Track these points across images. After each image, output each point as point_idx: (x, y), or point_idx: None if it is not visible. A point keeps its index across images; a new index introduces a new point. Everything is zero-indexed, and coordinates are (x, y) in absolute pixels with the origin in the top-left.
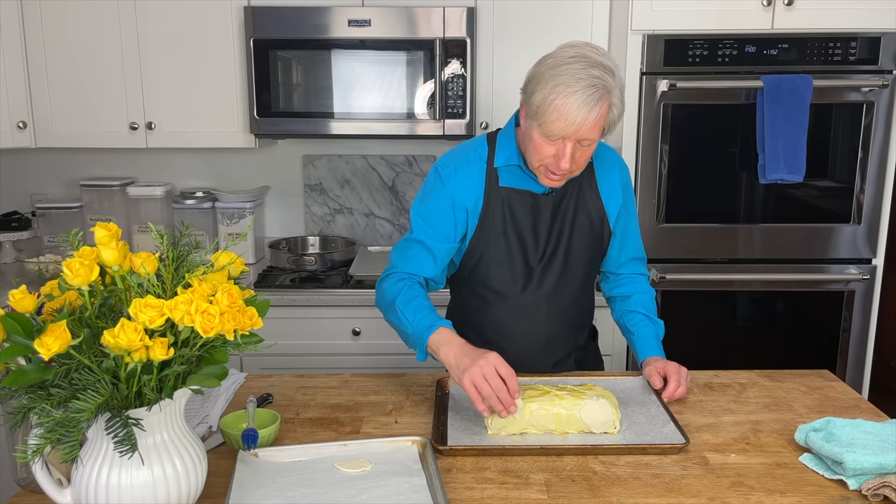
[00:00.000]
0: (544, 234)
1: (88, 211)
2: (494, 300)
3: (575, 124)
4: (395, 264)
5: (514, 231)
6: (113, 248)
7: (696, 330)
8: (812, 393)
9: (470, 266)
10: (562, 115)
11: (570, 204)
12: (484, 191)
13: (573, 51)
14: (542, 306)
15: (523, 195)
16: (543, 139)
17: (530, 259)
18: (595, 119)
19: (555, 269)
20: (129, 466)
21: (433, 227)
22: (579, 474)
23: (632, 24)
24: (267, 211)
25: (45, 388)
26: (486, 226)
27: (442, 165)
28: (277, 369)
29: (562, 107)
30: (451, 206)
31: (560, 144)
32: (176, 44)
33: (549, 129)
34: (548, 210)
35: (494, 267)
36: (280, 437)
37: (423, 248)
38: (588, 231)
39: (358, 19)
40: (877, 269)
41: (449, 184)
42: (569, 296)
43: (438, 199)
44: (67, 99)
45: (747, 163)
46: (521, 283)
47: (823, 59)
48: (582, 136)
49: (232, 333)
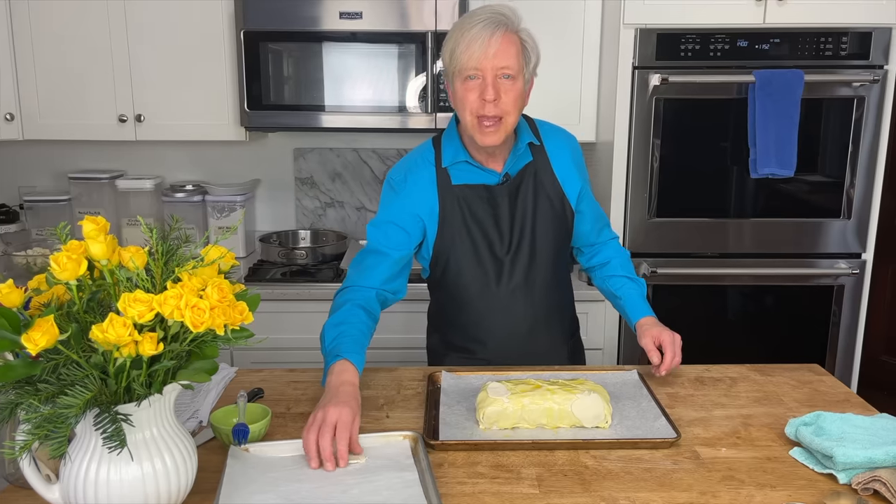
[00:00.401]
0: (507, 225)
1: (77, 204)
2: (469, 298)
3: (481, 50)
4: (349, 276)
5: (476, 226)
6: (101, 241)
7: (686, 324)
8: (802, 387)
9: (440, 269)
10: (469, 47)
11: (528, 190)
12: (438, 193)
13: (474, 9)
14: (517, 296)
15: (477, 189)
16: (465, 84)
17: (497, 252)
18: (500, 44)
19: (523, 257)
20: (119, 462)
21: (386, 235)
22: (571, 469)
23: (624, 18)
24: (258, 204)
25: (32, 384)
26: (446, 226)
27: (392, 175)
28: (268, 364)
29: (467, 39)
30: (404, 214)
31: (480, 82)
32: (165, 35)
33: (463, 66)
34: (505, 200)
35: (464, 265)
36: (271, 432)
37: (378, 258)
38: (550, 214)
39: (349, 11)
40: (866, 264)
41: (401, 192)
42: (542, 281)
43: (391, 208)
44: (55, 90)
45: (738, 157)
46: (493, 276)
47: (814, 54)
48: (496, 63)
49: (222, 328)
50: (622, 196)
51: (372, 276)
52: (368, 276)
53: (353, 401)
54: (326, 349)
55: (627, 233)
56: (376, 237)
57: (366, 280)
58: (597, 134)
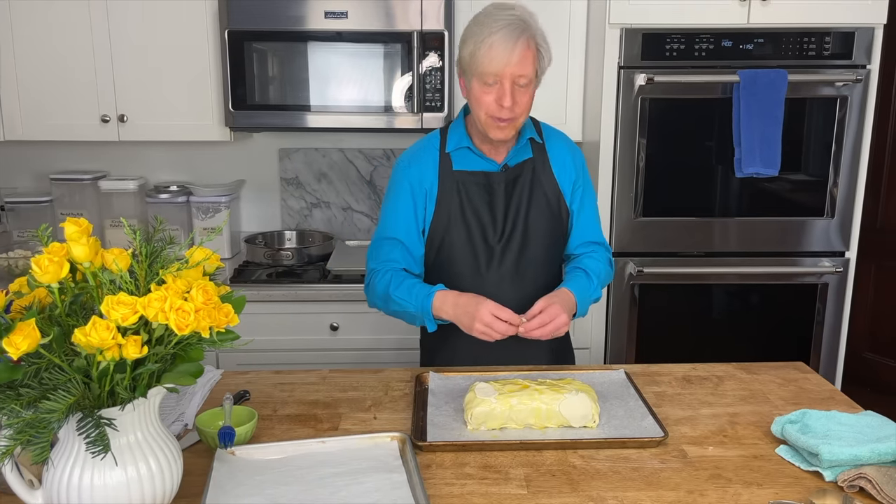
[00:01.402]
0: (501, 213)
1: (59, 205)
2: (459, 282)
3: (504, 58)
4: (370, 263)
5: (471, 211)
6: (84, 244)
7: (673, 323)
8: (788, 385)
9: (433, 251)
10: (491, 53)
11: (525, 182)
12: (438, 176)
13: (491, 6)
14: (504, 283)
15: (476, 176)
16: (483, 87)
17: (490, 238)
18: (521, 52)
19: (514, 245)
20: (102, 467)
21: (398, 219)
22: (559, 468)
23: (610, 18)
24: (243, 205)
25: (14, 388)
26: (443, 209)
27: (399, 160)
28: (254, 365)
29: (489, 45)
30: (410, 194)
31: (498, 87)
32: (149, 35)
33: (483, 71)
34: (501, 187)
35: (456, 249)
36: (257, 434)
37: (394, 243)
38: (545, 208)
39: (335, 11)
40: (849, 262)
41: (407, 173)
42: (532, 272)
43: (399, 191)
44: (36, 91)
45: (723, 157)
46: (484, 262)
47: (798, 54)
48: (514, 71)
49: (207, 331)
50: (608, 195)
51: (390, 260)
52: (387, 260)
53: (479, 297)
54: (411, 300)
55: (614, 232)
56: (389, 223)
57: (389, 263)
58: (583, 133)
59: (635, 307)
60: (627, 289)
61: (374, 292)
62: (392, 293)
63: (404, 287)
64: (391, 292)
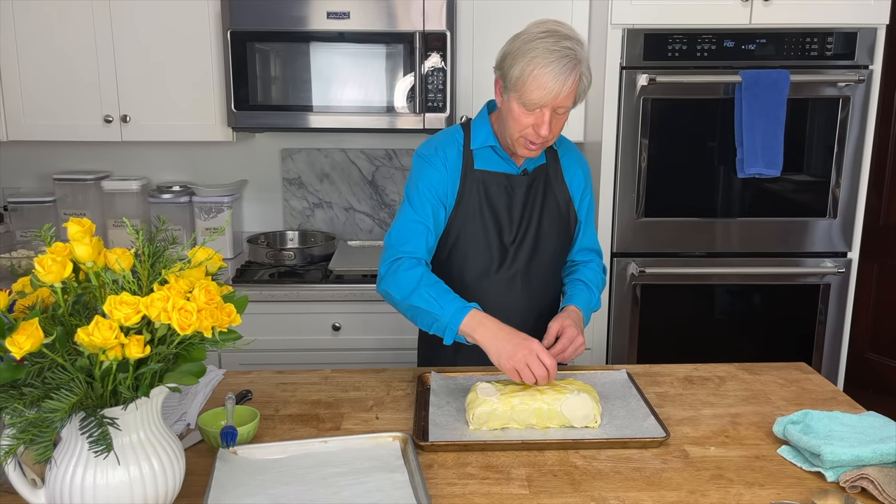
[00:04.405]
0: (518, 215)
1: (62, 205)
2: (470, 280)
3: (553, 92)
4: (398, 248)
5: (489, 211)
6: (86, 243)
7: (675, 323)
8: (790, 385)
9: (447, 247)
10: (540, 85)
11: (539, 187)
12: (461, 172)
13: (543, 27)
14: (515, 283)
15: (498, 177)
16: (523, 110)
17: (504, 238)
18: (570, 87)
19: (526, 247)
20: (105, 466)
21: (425, 204)
22: (560, 469)
23: (612, 18)
24: (245, 205)
25: (17, 388)
26: (462, 206)
27: (423, 149)
28: (256, 365)
29: (540, 77)
30: (437, 181)
31: (538, 114)
32: (151, 35)
33: (528, 98)
34: (521, 190)
35: (471, 247)
36: (259, 434)
37: (420, 227)
38: (556, 214)
39: (337, 11)
40: (852, 263)
41: (434, 161)
42: (542, 273)
43: (426, 176)
44: (40, 91)
45: (725, 157)
46: (497, 261)
47: (800, 55)
48: (558, 104)
49: (210, 330)
50: (610, 196)
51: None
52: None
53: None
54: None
55: (615, 232)
56: (417, 206)
57: (412, 249)
58: (585, 134)
59: (637, 307)
60: (629, 289)
61: (395, 280)
62: (423, 289)
63: (437, 289)
64: (422, 287)
